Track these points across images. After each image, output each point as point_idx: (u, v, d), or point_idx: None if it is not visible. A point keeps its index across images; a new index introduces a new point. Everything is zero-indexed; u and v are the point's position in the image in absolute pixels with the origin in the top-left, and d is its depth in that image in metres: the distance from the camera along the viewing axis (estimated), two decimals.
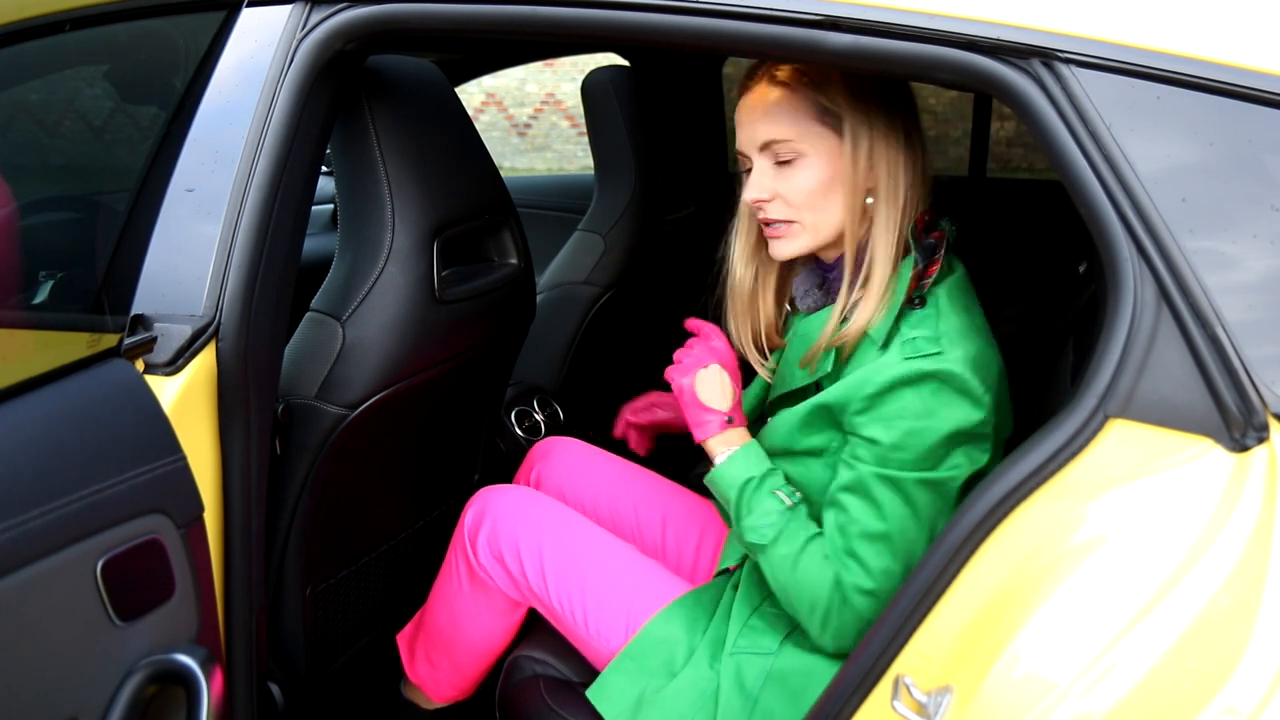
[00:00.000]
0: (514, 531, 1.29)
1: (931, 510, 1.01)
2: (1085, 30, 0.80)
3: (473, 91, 9.16)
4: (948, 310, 1.01)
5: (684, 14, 0.92)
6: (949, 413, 0.97)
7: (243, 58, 1.09)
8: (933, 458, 0.99)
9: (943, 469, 0.99)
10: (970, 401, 0.97)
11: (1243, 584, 0.69)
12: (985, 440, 1.01)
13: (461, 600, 1.35)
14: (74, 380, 0.91)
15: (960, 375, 0.97)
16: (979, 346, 1.00)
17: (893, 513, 1.00)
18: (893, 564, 1.02)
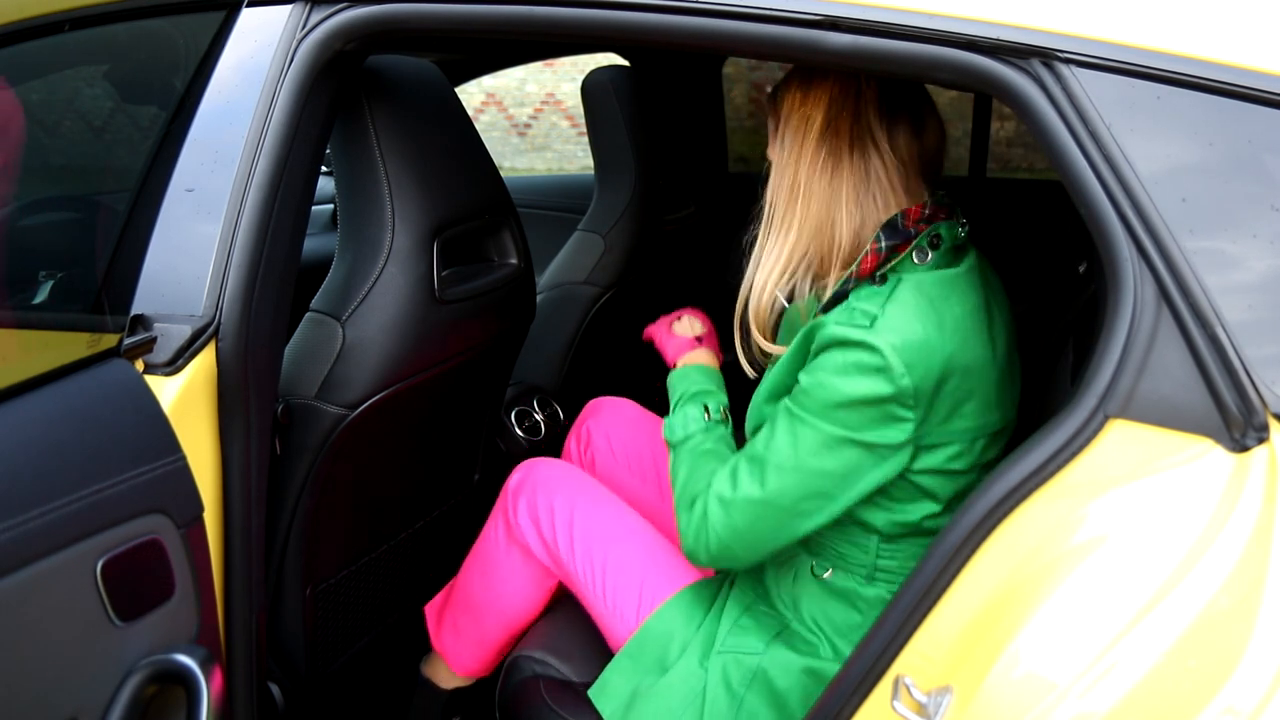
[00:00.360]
0: (551, 498, 1.35)
1: (813, 460, 1.04)
2: (1085, 30, 0.81)
3: (473, 91, 9.16)
4: (904, 295, 1.04)
5: (684, 14, 0.93)
6: (859, 380, 1.01)
7: (243, 58, 1.09)
8: (831, 412, 1.02)
9: (837, 426, 1.02)
10: (884, 378, 1.00)
11: (1243, 584, 0.69)
12: (901, 422, 1.02)
13: (497, 559, 1.40)
14: (74, 380, 0.91)
15: (878, 348, 1.00)
16: (922, 333, 1.01)
17: (778, 445, 1.06)
18: (758, 492, 1.06)
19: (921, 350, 1.01)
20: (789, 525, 1.07)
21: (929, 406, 1.02)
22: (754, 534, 1.08)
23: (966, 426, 1.06)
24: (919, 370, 1.00)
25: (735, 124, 2.68)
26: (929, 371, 1.01)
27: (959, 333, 1.04)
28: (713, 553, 1.11)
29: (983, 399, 1.07)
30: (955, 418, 1.05)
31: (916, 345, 1.00)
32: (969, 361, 1.04)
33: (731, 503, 1.08)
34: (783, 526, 1.08)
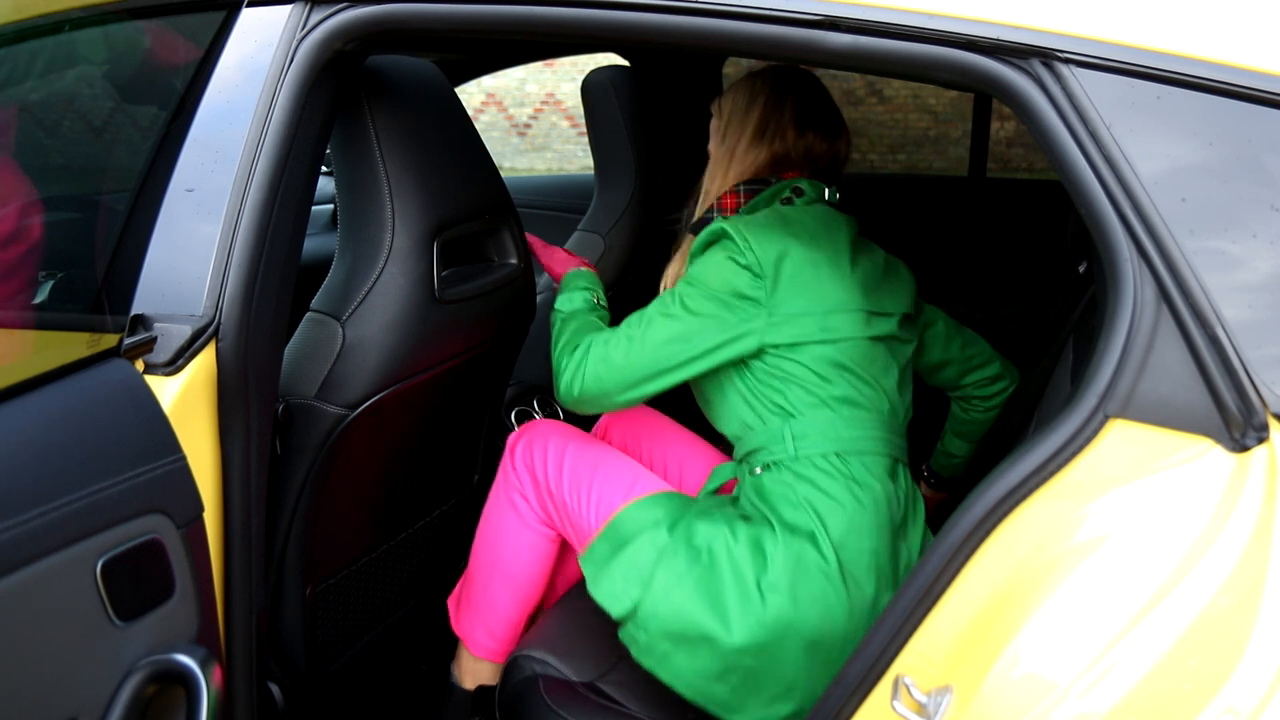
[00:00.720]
0: (545, 441, 1.46)
1: (683, 308, 1.30)
2: (1085, 30, 0.81)
3: (473, 91, 9.17)
4: (760, 215, 1.36)
5: (684, 14, 0.93)
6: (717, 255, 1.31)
7: (243, 58, 1.09)
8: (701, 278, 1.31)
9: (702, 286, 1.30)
10: (734, 248, 1.29)
11: (1243, 584, 0.69)
12: (752, 290, 1.28)
13: (499, 520, 1.48)
14: (74, 380, 0.91)
15: (726, 229, 1.31)
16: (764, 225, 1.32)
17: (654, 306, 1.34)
18: (636, 333, 1.32)
19: (763, 234, 1.30)
20: (654, 364, 1.31)
21: (774, 279, 1.28)
22: (626, 369, 1.32)
23: (807, 301, 1.29)
24: (762, 246, 1.28)
25: None
26: (770, 248, 1.29)
27: (803, 235, 1.32)
28: (586, 384, 1.34)
29: (824, 282, 1.30)
30: (798, 294, 1.29)
31: (760, 230, 1.30)
32: (811, 256, 1.30)
33: (611, 341, 1.34)
34: (648, 364, 1.31)
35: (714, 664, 1.20)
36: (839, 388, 1.30)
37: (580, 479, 1.41)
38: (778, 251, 1.29)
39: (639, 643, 1.25)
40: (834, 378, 1.30)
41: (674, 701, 1.30)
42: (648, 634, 1.23)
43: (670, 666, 1.23)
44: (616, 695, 1.29)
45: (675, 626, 1.21)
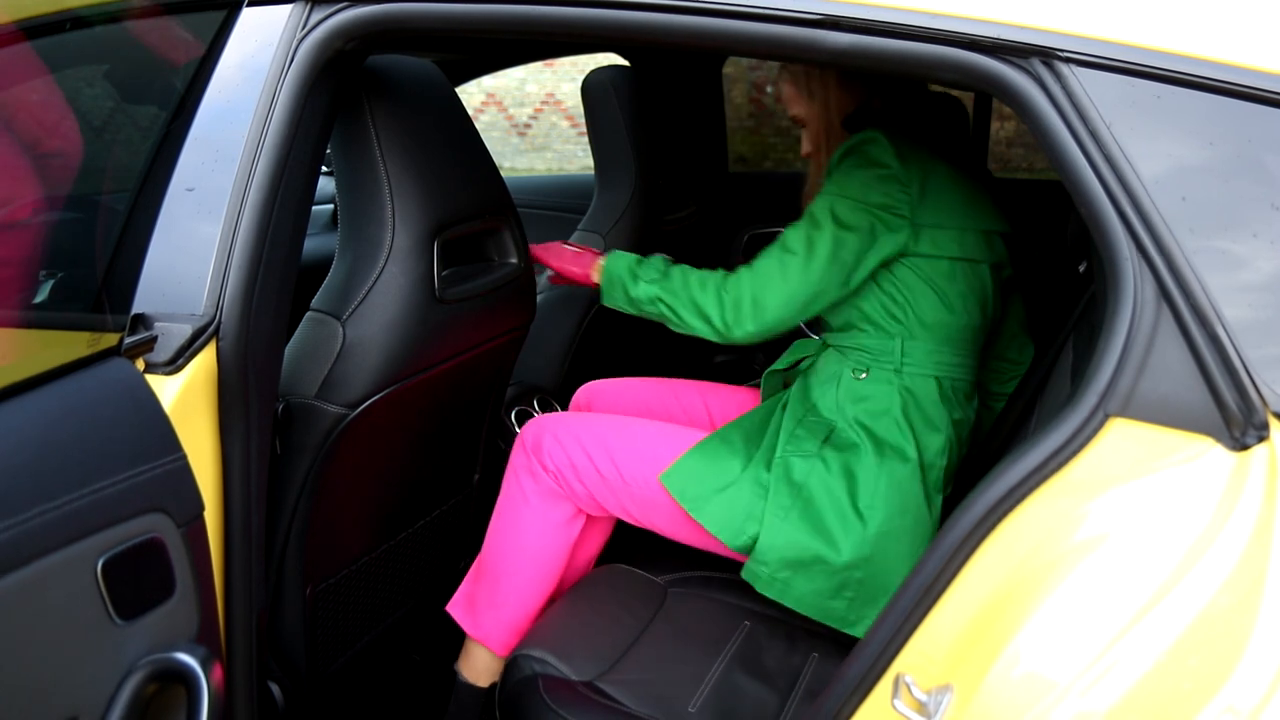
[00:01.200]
0: (571, 429, 1.48)
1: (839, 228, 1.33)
2: (1085, 29, 0.81)
3: (473, 91, 9.17)
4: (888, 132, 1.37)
5: (684, 14, 0.93)
6: (864, 165, 1.34)
7: (243, 57, 1.09)
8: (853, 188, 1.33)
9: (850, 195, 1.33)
10: (886, 155, 1.33)
11: (1243, 583, 0.70)
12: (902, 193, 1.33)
13: (525, 517, 1.48)
14: (74, 379, 0.91)
15: (875, 136, 1.34)
16: (903, 139, 1.35)
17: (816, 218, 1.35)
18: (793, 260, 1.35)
19: (909, 150, 1.34)
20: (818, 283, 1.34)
21: (920, 189, 1.34)
22: (790, 291, 1.35)
23: (950, 214, 1.37)
24: (909, 158, 1.33)
25: (735, 124, 2.68)
26: (914, 163, 1.34)
27: (932, 159, 1.37)
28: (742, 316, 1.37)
29: (963, 200, 1.39)
30: (941, 207, 1.36)
31: (902, 143, 1.34)
32: (945, 172, 1.37)
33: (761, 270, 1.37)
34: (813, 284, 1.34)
35: (829, 583, 1.35)
36: (956, 315, 1.40)
37: (628, 448, 1.45)
38: (922, 167, 1.35)
39: (761, 577, 1.37)
40: (954, 303, 1.40)
41: (673, 700, 1.30)
42: (768, 566, 1.36)
43: (792, 592, 1.36)
44: (616, 694, 1.29)
45: (791, 554, 1.35)
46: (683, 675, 1.35)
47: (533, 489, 1.48)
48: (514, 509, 1.49)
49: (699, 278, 1.42)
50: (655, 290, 1.44)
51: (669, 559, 1.59)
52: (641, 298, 1.46)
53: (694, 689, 1.33)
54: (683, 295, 1.42)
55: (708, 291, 1.40)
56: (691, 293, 1.41)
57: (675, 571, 1.57)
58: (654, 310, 1.45)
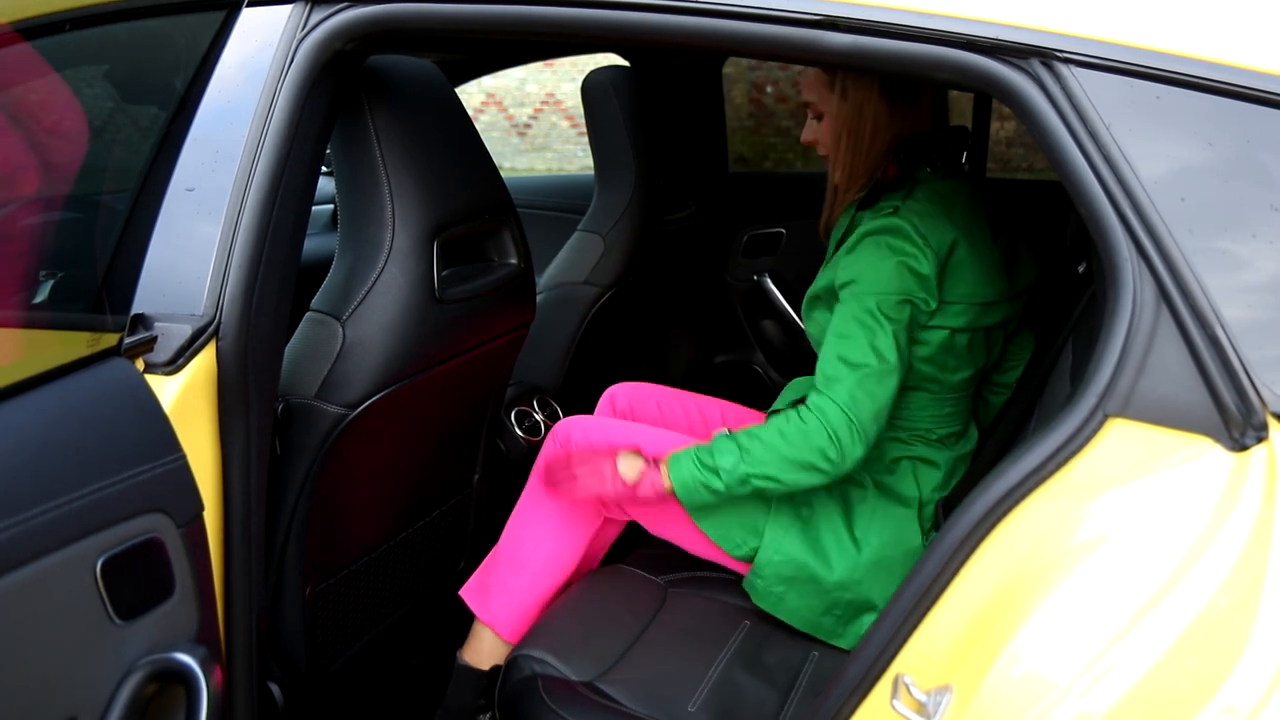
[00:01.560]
0: (605, 433, 1.50)
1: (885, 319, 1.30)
2: (1085, 30, 0.81)
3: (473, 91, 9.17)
4: (918, 195, 1.35)
5: (684, 14, 0.93)
6: (895, 256, 1.30)
7: (243, 57, 1.09)
8: (884, 284, 1.30)
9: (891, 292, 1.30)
10: (911, 244, 1.30)
11: (1242, 583, 0.70)
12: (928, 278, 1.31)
13: (550, 509, 1.51)
14: (74, 379, 0.91)
15: (903, 225, 1.30)
16: (934, 215, 1.32)
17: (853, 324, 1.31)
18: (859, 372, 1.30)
19: (934, 225, 1.31)
20: (890, 377, 1.30)
21: (944, 270, 1.32)
22: (880, 400, 1.30)
23: (969, 290, 1.35)
24: (935, 240, 1.31)
25: (735, 124, 2.68)
26: (942, 241, 1.31)
27: (964, 221, 1.35)
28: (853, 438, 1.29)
29: (984, 271, 1.36)
30: (961, 280, 1.34)
31: (930, 221, 1.31)
32: (972, 240, 1.35)
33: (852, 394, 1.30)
34: (888, 379, 1.30)
35: (820, 600, 1.40)
36: (956, 373, 1.41)
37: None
38: (949, 245, 1.33)
39: (757, 588, 1.43)
40: (957, 364, 1.40)
41: (673, 700, 1.30)
42: (764, 580, 1.41)
43: (785, 606, 1.42)
44: (616, 694, 1.29)
45: (787, 571, 1.40)
46: (682, 675, 1.35)
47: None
48: (537, 503, 1.52)
49: (777, 431, 1.32)
50: (742, 470, 1.32)
51: (669, 559, 1.59)
52: (731, 485, 1.33)
53: (694, 689, 1.33)
54: (773, 461, 1.31)
55: (796, 443, 1.30)
56: (781, 452, 1.31)
57: (675, 571, 1.57)
58: (751, 489, 1.34)
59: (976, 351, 1.43)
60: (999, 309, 1.42)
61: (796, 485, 1.32)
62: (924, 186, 1.37)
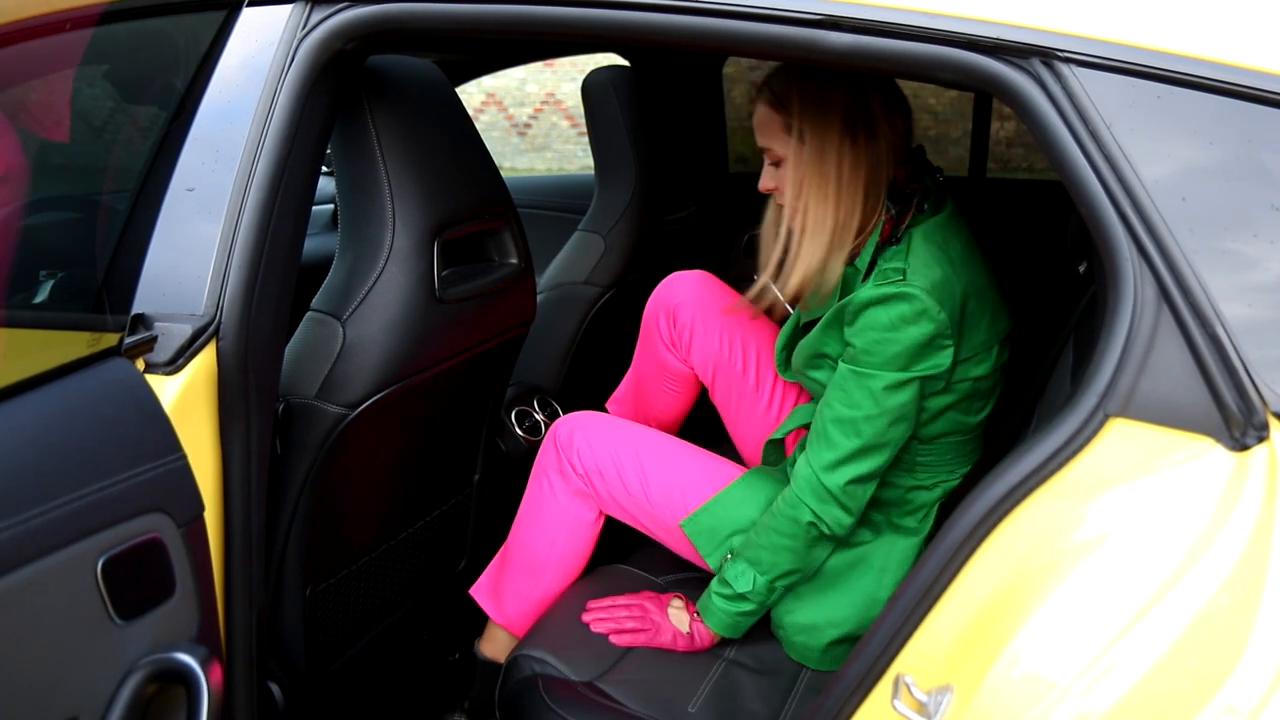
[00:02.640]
0: (607, 435, 1.50)
1: (890, 401, 1.26)
2: (1085, 30, 0.81)
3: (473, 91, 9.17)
4: (918, 247, 1.26)
5: (684, 14, 0.93)
6: (907, 327, 1.22)
7: (243, 57, 1.09)
8: (894, 361, 1.24)
9: (901, 371, 1.25)
10: (926, 318, 1.22)
11: (1243, 583, 0.70)
12: (946, 350, 1.25)
13: (555, 515, 1.51)
14: (74, 379, 0.91)
15: (916, 295, 1.21)
16: (942, 273, 1.24)
17: (858, 400, 1.27)
18: (858, 441, 1.27)
19: (945, 287, 1.23)
20: (884, 451, 1.29)
21: (960, 330, 1.26)
22: (867, 469, 1.29)
23: (984, 338, 1.30)
24: (949, 304, 1.23)
25: (735, 124, 2.68)
26: (955, 302, 1.24)
27: (965, 264, 1.28)
28: (847, 505, 1.30)
29: (991, 311, 1.31)
30: (977, 331, 1.29)
31: (941, 284, 1.23)
32: (977, 285, 1.28)
33: (839, 461, 1.28)
34: (880, 453, 1.29)
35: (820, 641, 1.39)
36: (980, 413, 1.37)
37: (659, 470, 1.46)
38: (960, 301, 1.25)
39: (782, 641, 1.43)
40: (981, 405, 1.37)
41: (673, 700, 1.30)
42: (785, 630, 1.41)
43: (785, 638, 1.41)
44: (616, 694, 1.29)
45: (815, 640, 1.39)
46: (683, 675, 1.35)
47: (561, 487, 1.51)
48: (541, 504, 1.52)
49: (771, 530, 1.33)
50: (762, 582, 1.34)
51: (669, 559, 1.59)
52: (763, 598, 1.36)
53: (694, 689, 1.33)
54: (782, 557, 1.33)
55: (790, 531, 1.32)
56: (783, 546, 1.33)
57: (675, 572, 1.57)
58: (781, 588, 1.36)
59: (996, 387, 1.39)
60: (1003, 348, 1.36)
61: (818, 560, 1.37)
62: (919, 234, 1.28)
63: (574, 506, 1.51)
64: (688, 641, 1.40)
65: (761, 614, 1.39)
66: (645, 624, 1.39)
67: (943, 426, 1.35)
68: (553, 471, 1.52)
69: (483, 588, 1.56)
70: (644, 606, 1.42)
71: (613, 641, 1.38)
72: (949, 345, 1.25)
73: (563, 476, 1.51)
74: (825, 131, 1.28)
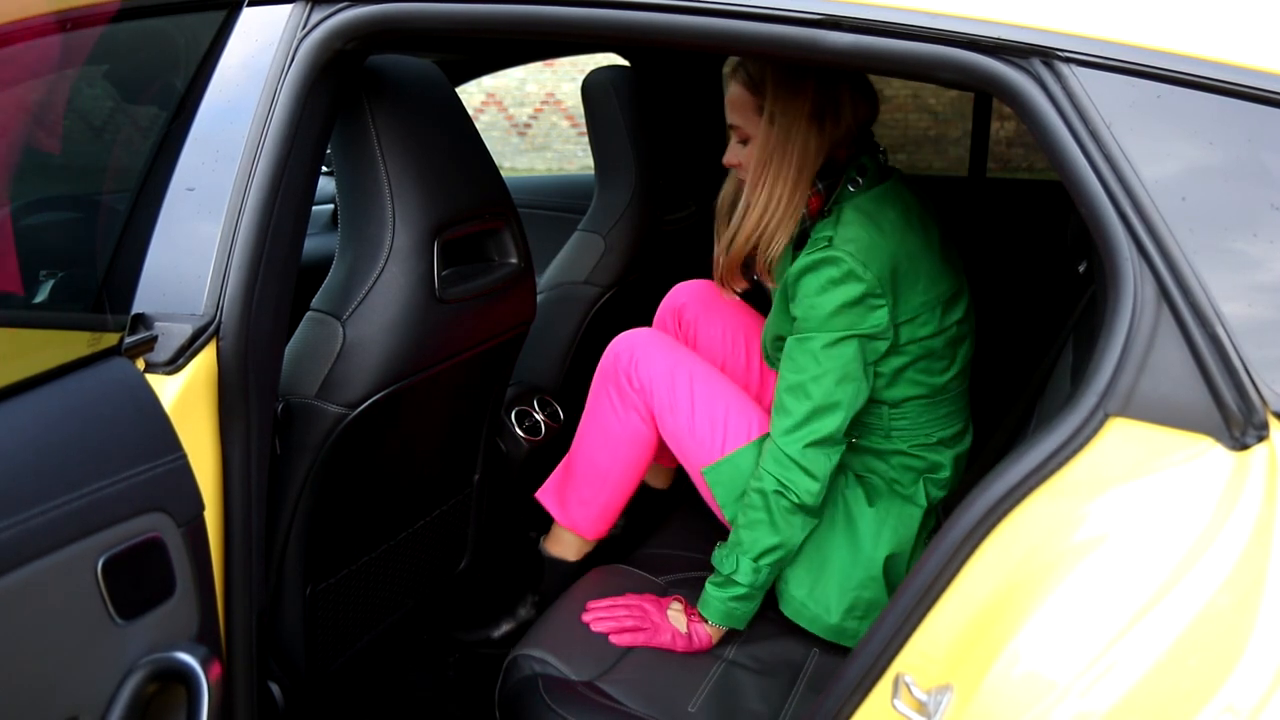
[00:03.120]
0: (662, 358, 1.55)
1: (831, 359, 1.32)
2: (1086, 29, 0.81)
3: (473, 91, 9.17)
4: (847, 219, 1.33)
5: (684, 14, 0.93)
6: (835, 288, 1.29)
7: (243, 57, 1.09)
8: (828, 322, 1.30)
9: (836, 330, 1.31)
10: (852, 279, 1.28)
11: (1243, 582, 0.70)
12: (880, 309, 1.31)
13: (614, 427, 1.59)
14: (75, 379, 0.91)
15: (839, 257, 1.28)
16: (869, 236, 1.30)
17: (802, 364, 1.33)
18: (808, 403, 1.33)
19: (871, 249, 1.30)
20: (836, 411, 1.33)
21: (893, 290, 1.31)
22: (823, 432, 1.33)
23: (924, 299, 1.35)
24: (875, 264, 1.29)
25: None
26: (883, 264, 1.30)
27: (895, 231, 1.33)
28: (809, 470, 1.34)
29: (926, 274, 1.35)
30: (914, 293, 1.34)
31: (867, 246, 1.29)
32: (909, 249, 1.34)
33: (795, 426, 1.34)
34: (833, 414, 1.33)
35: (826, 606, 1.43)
36: (944, 374, 1.41)
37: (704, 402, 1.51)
38: (890, 263, 1.31)
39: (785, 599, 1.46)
40: (942, 366, 1.41)
41: (673, 700, 1.30)
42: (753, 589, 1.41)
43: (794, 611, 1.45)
44: (616, 694, 1.29)
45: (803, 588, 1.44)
46: (682, 675, 1.35)
47: (619, 401, 1.58)
48: (601, 417, 1.60)
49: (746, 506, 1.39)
50: (747, 562, 1.38)
51: (669, 559, 1.59)
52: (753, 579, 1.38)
53: (694, 688, 1.33)
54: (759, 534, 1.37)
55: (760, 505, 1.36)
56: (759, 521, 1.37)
57: (675, 572, 1.58)
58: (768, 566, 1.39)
59: (957, 347, 1.43)
60: (961, 300, 1.42)
61: (797, 534, 1.38)
62: (850, 206, 1.35)
63: (632, 420, 1.57)
64: (686, 642, 1.40)
65: (758, 600, 1.41)
66: (645, 623, 1.40)
67: (906, 390, 1.41)
68: (611, 386, 1.58)
69: (549, 492, 1.67)
70: (643, 607, 1.43)
71: (612, 641, 1.39)
72: (882, 305, 1.31)
73: (619, 392, 1.57)
74: (794, 116, 1.35)
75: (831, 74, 1.35)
